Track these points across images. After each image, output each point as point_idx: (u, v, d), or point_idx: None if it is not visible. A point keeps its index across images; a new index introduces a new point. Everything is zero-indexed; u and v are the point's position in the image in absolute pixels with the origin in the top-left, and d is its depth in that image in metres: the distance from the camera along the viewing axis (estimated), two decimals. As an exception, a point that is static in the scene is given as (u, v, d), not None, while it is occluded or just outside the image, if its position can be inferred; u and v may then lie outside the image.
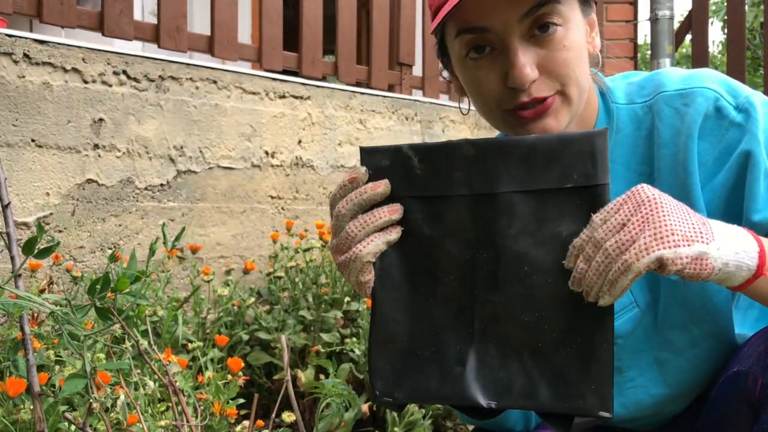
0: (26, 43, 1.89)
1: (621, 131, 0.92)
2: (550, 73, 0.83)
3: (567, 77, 0.83)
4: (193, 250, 2.10)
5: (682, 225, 0.66)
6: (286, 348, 0.98)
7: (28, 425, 1.20)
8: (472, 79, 0.87)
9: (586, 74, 0.87)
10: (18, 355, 1.14)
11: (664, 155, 0.89)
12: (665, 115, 0.89)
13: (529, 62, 0.81)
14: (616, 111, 0.93)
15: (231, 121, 2.33)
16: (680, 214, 0.67)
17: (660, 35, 3.73)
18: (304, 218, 2.53)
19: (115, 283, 0.94)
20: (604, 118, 0.93)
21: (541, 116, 0.84)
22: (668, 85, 0.90)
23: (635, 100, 0.93)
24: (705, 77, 0.89)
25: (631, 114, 0.92)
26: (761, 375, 0.76)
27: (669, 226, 0.65)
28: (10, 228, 1.04)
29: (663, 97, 0.90)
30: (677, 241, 0.65)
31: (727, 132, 0.86)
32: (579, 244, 0.68)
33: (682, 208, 0.68)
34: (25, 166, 1.89)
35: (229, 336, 1.88)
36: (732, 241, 0.68)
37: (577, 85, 0.84)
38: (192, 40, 2.37)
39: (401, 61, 3.10)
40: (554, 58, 0.83)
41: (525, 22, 0.81)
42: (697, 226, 0.67)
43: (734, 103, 0.87)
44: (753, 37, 9.87)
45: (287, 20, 2.69)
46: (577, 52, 0.84)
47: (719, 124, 0.86)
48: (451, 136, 3.10)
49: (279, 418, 1.43)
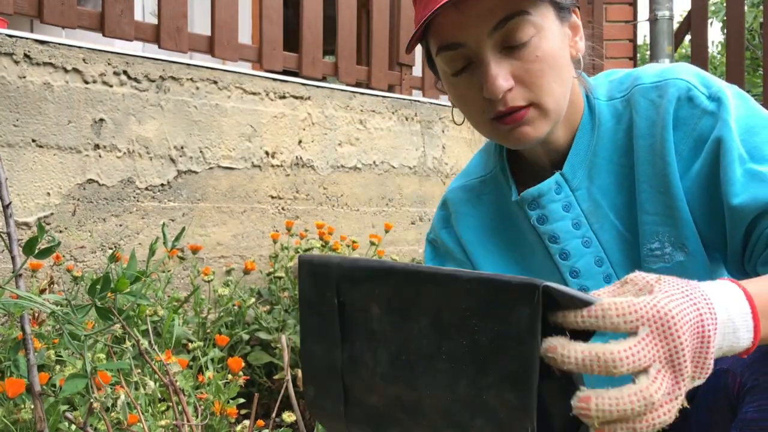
0: (27, 44, 1.89)
1: (602, 125, 0.95)
2: (525, 84, 0.86)
3: (540, 87, 0.86)
4: (194, 250, 2.10)
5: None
6: (286, 348, 0.98)
7: (29, 425, 1.20)
8: (457, 95, 0.92)
9: (564, 83, 0.88)
10: (19, 354, 1.14)
11: (642, 146, 0.91)
12: (641, 107, 0.91)
13: (502, 73, 0.84)
14: (597, 107, 0.95)
15: (231, 122, 2.34)
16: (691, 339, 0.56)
17: (659, 36, 3.73)
18: (304, 218, 2.54)
19: (116, 283, 0.95)
20: (588, 116, 0.96)
21: (518, 124, 0.87)
22: (644, 79, 0.92)
23: (615, 96, 0.95)
24: (679, 70, 0.91)
25: (611, 109, 0.95)
26: (740, 373, 0.77)
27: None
28: (10, 228, 1.05)
29: (639, 89, 0.92)
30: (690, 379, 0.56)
31: (699, 120, 0.87)
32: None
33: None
34: (25, 166, 1.89)
35: (230, 336, 1.89)
36: (724, 348, 0.61)
37: (552, 94, 0.87)
38: (192, 41, 2.38)
39: (401, 62, 3.10)
40: (528, 69, 0.85)
41: (495, 35, 0.84)
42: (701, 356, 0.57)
43: (707, 93, 0.88)
44: (752, 37, 9.87)
45: (287, 21, 2.69)
46: (551, 62, 0.86)
47: (692, 113, 0.88)
48: (451, 136, 3.10)
49: (279, 417, 1.44)
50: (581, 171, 0.95)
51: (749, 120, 0.87)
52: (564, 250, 0.96)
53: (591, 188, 0.95)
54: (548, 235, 0.96)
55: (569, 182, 0.95)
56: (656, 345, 0.53)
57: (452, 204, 1.10)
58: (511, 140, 0.91)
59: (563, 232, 0.95)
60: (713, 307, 0.58)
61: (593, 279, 0.95)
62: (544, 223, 0.96)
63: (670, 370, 0.53)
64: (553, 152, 0.96)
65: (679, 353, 0.53)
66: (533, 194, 0.95)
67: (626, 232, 0.94)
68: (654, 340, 0.53)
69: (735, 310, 0.61)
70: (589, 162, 0.95)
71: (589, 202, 0.95)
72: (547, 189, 0.95)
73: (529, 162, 1.00)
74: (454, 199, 1.10)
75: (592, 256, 0.95)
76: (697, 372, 0.56)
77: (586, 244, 0.95)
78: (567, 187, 0.95)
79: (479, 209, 1.07)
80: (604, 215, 0.94)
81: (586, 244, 0.95)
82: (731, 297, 0.61)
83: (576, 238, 0.95)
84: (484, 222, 1.06)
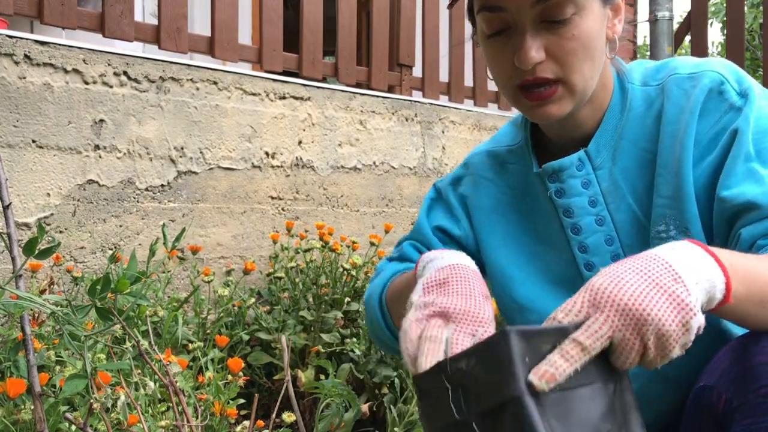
0: (27, 44, 1.89)
1: (633, 110, 0.96)
2: (556, 59, 0.88)
3: (571, 66, 0.88)
4: (194, 250, 2.10)
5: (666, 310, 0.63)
6: (286, 348, 0.98)
7: (29, 425, 1.20)
8: (490, 56, 0.93)
9: (595, 64, 0.90)
10: (19, 355, 1.14)
11: (667, 132, 0.92)
12: (673, 95, 0.93)
13: (536, 46, 0.86)
14: (630, 91, 0.97)
15: (231, 122, 2.34)
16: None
17: (659, 36, 3.73)
18: (304, 219, 2.54)
19: (116, 284, 0.95)
20: (619, 97, 0.97)
21: (543, 102, 0.89)
22: (681, 69, 0.94)
23: (649, 83, 0.97)
24: (716, 63, 0.93)
25: (644, 95, 0.96)
26: (725, 390, 0.75)
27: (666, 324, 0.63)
28: (10, 228, 1.05)
29: (674, 78, 0.94)
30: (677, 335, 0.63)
31: (725, 115, 0.89)
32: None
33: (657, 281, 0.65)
34: (26, 166, 1.89)
35: (230, 336, 1.88)
36: (703, 283, 0.67)
37: (581, 74, 0.89)
38: (192, 41, 2.38)
39: (401, 62, 3.10)
40: (562, 46, 0.87)
41: (537, 7, 0.86)
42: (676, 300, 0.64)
43: (738, 89, 0.90)
44: (752, 38, 9.87)
45: (287, 21, 2.69)
46: (587, 42, 0.88)
47: (719, 106, 0.89)
48: (451, 137, 3.10)
49: (279, 418, 1.44)
50: (606, 151, 0.96)
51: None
52: (576, 225, 0.98)
53: (613, 169, 0.96)
54: (563, 208, 0.99)
55: (592, 160, 0.96)
56: (608, 317, 0.61)
57: (475, 168, 1.12)
58: (533, 115, 0.93)
59: (578, 207, 0.97)
60: (661, 258, 0.66)
61: (601, 256, 0.97)
62: (561, 197, 0.98)
63: (635, 326, 0.61)
64: (577, 130, 0.98)
65: (636, 311, 0.61)
66: (554, 167, 0.97)
67: (642, 216, 0.96)
68: (603, 315, 0.61)
69: (690, 252, 0.68)
70: (614, 143, 0.96)
71: (609, 182, 0.96)
72: (569, 164, 0.97)
73: (553, 138, 1.02)
74: (478, 163, 1.11)
75: (603, 235, 0.97)
76: (684, 314, 0.62)
77: (599, 223, 0.97)
78: (589, 165, 0.96)
79: (503, 179, 1.08)
80: (621, 197, 0.96)
81: (600, 222, 0.97)
82: (677, 246, 0.69)
83: (590, 215, 0.97)
84: (503, 191, 1.07)
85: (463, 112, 3.17)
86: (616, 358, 0.63)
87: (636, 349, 0.62)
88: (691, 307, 0.63)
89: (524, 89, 0.90)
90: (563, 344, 0.60)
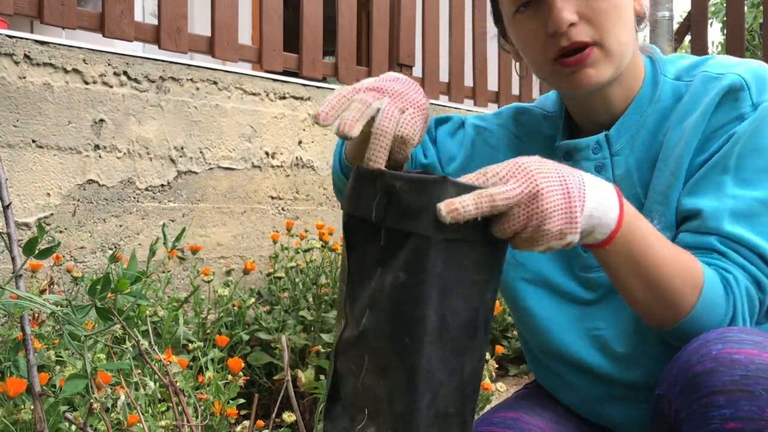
0: (27, 44, 1.89)
1: (660, 102, 0.95)
2: (589, 21, 0.87)
3: (605, 27, 0.87)
4: (194, 250, 2.10)
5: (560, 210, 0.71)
6: (286, 348, 0.98)
7: (29, 425, 1.20)
8: (520, 34, 0.92)
9: (627, 30, 0.89)
10: (19, 355, 1.14)
11: (676, 127, 0.91)
12: (695, 92, 0.91)
13: (567, 7, 0.86)
14: (662, 83, 0.95)
15: (231, 122, 2.34)
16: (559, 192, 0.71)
17: (659, 36, 3.73)
18: (304, 219, 2.54)
19: (116, 284, 0.95)
20: (650, 87, 0.96)
21: (581, 66, 0.88)
22: (713, 68, 0.92)
23: (683, 78, 0.95)
24: (748, 66, 0.90)
25: (675, 89, 0.94)
26: (674, 400, 0.75)
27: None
28: (10, 228, 1.05)
29: (702, 77, 0.92)
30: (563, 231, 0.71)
31: (733, 122, 0.87)
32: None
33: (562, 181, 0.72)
34: (25, 166, 1.89)
35: (230, 336, 1.88)
36: (595, 218, 0.74)
37: (617, 35, 0.87)
38: (192, 41, 2.38)
39: (401, 62, 3.10)
40: (593, 7, 0.86)
41: None
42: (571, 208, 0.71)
43: (755, 99, 0.87)
44: (752, 38, 9.87)
45: (287, 21, 2.69)
46: (617, 4, 0.87)
47: (730, 112, 0.87)
48: (451, 137, 3.10)
49: (279, 418, 1.44)
50: (626, 138, 0.95)
51: (764, 142, 0.86)
52: None
53: (629, 157, 0.95)
54: None
55: (611, 145, 0.95)
56: (522, 190, 0.68)
57: (507, 121, 1.09)
58: (572, 83, 0.90)
59: None
60: (582, 179, 0.73)
61: None
62: None
63: (530, 209, 0.69)
64: (604, 113, 0.96)
65: (539, 199, 0.69)
66: (570, 146, 0.96)
67: (642, 209, 0.94)
68: (520, 186, 0.68)
69: (605, 191, 0.74)
70: (636, 132, 0.95)
71: (624, 170, 0.95)
72: (584, 145, 0.95)
73: (579, 121, 1.00)
74: (513, 120, 1.09)
75: None
76: (568, 226, 0.70)
77: None
78: (607, 149, 0.95)
79: (528, 144, 1.06)
80: (632, 186, 0.94)
81: None
82: (601, 182, 0.75)
83: None
84: (524, 152, 1.06)
85: (463, 111, 3.17)
86: (499, 221, 0.70)
87: (518, 225, 0.69)
88: (575, 225, 0.71)
89: (561, 58, 0.89)
90: (479, 193, 0.67)
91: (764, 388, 0.68)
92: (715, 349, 0.73)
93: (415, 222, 0.67)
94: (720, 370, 0.71)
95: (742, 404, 0.68)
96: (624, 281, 0.82)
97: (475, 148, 1.09)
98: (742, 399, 0.68)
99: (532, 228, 0.69)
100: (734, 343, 0.73)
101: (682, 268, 0.81)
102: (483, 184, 0.69)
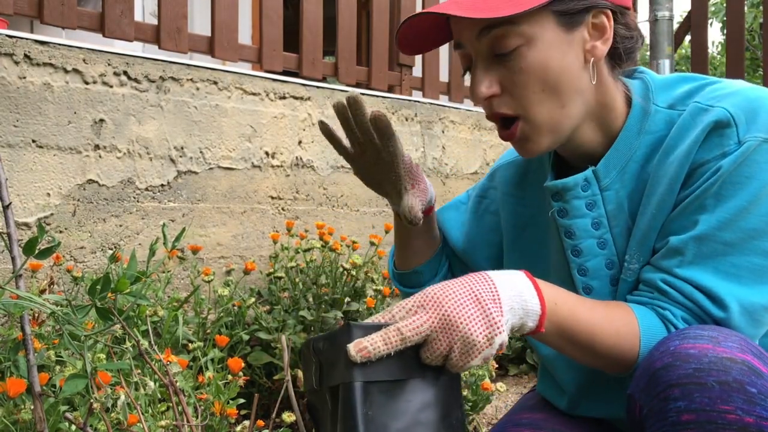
0: (27, 44, 1.89)
1: (650, 133, 0.91)
2: (511, 93, 0.87)
3: (525, 98, 0.86)
4: (194, 250, 2.10)
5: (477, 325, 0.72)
6: (286, 348, 0.98)
7: (29, 425, 1.20)
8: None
9: (560, 92, 0.86)
10: (19, 355, 1.14)
11: (662, 162, 0.88)
12: (683, 125, 0.87)
13: (486, 81, 0.86)
14: (653, 113, 0.91)
15: (231, 122, 2.34)
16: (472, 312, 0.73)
17: (659, 36, 3.73)
18: (304, 219, 2.54)
19: (116, 284, 0.95)
20: (638, 118, 0.92)
21: (516, 140, 0.90)
22: (704, 98, 0.87)
23: (676, 107, 0.91)
24: (742, 98, 0.84)
25: (668, 118, 0.90)
26: (639, 398, 0.76)
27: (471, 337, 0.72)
28: (10, 228, 1.05)
29: (692, 108, 0.87)
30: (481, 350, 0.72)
31: (717, 161, 0.83)
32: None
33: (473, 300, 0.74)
34: (25, 166, 1.89)
35: (230, 336, 1.88)
36: (518, 311, 0.76)
37: (541, 108, 0.86)
38: (192, 41, 2.38)
39: (401, 62, 3.10)
40: (513, 80, 0.85)
41: (483, 40, 0.86)
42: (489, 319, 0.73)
43: (741, 136, 0.82)
44: (752, 38, 9.87)
45: (287, 21, 2.69)
46: (541, 73, 0.84)
47: (713, 150, 0.83)
48: (451, 137, 3.10)
49: (279, 418, 1.44)
50: (615, 172, 0.92)
51: (744, 181, 0.82)
52: (577, 248, 0.94)
53: (620, 191, 0.92)
54: (565, 229, 0.95)
55: (600, 181, 0.92)
56: (429, 318, 0.71)
57: (499, 182, 1.12)
58: (516, 150, 0.93)
59: (580, 229, 0.94)
60: (491, 280, 0.75)
61: (601, 280, 0.94)
62: (564, 217, 0.95)
63: (447, 331, 0.70)
64: (586, 150, 0.94)
65: (452, 318, 0.70)
66: (558, 186, 0.94)
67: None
68: (427, 315, 0.71)
69: (518, 282, 0.77)
70: (624, 165, 0.92)
71: (615, 205, 0.92)
72: (573, 184, 0.92)
73: (565, 155, 0.99)
74: (502, 177, 1.12)
75: (604, 258, 0.94)
76: (491, 330, 0.72)
77: (601, 246, 0.93)
78: (596, 185, 0.92)
79: (524, 191, 1.07)
80: (624, 220, 0.92)
81: (602, 245, 0.93)
82: (512, 274, 0.78)
83: (592, 238, 0.93)
84: (524, 205, 1.07)
85: (463, 111, 3.17)
86: (423, 351, 0.71)
87: (441, 349, 0.71)
88: (499, 326, 0.72)
89: (498, 125, 0.90)
90: (387, 330, 0.69)
91: (716, 380, 0.69)
92: (673, 345, 0.74)
93: (338, 372, 0.69)
94: (676, 364, 0.72)
95: (695, 396, 0.70)
96: (568, 353, 0.85)
97: (482, 218, 1.14)
98: (696, 391, 0.70)
99: (458, 347, 0.71)
100: (691, 338, 0.74)
101: (616, 327, 0.83)
102: (390, 320, 0.72)
